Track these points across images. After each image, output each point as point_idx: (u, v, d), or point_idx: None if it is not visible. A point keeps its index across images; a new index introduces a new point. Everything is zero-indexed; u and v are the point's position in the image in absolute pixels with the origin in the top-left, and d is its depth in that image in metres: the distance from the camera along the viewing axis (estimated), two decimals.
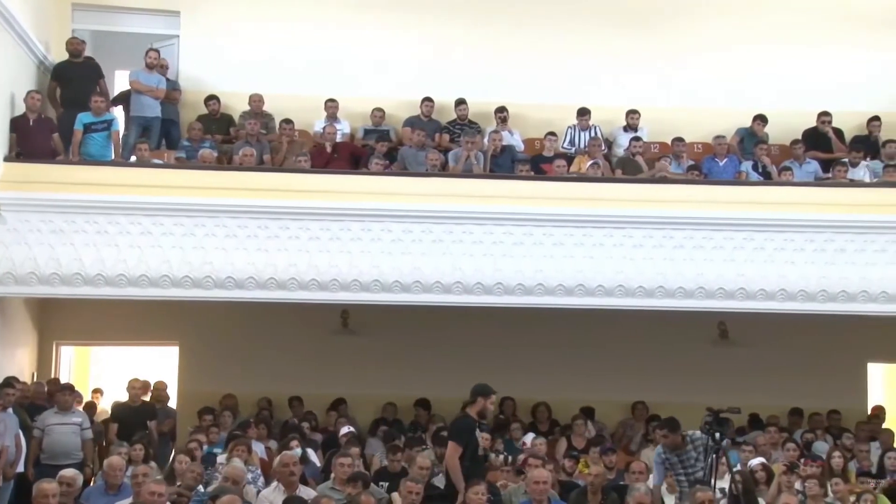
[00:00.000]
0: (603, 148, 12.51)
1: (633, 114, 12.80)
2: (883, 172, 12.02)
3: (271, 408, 12.45)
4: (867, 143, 12.66)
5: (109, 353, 14.80)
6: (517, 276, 10.96)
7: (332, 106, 12.77)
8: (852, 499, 9.44)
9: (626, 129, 12.86)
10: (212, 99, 12.78)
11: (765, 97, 12.91)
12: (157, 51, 12.45)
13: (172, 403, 12.36)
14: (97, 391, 13.34)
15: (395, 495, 8.92)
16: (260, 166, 11.78)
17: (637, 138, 12.50)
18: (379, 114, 12.96)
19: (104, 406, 12.87)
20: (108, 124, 11.47)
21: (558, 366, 12.52)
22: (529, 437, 11.33)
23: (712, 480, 8.59)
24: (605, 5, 13.26)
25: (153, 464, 9.44)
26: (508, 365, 12.47)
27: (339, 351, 12.58)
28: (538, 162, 12.35)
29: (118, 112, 12.43)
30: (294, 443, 10.11)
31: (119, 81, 13.26)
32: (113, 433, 10.92)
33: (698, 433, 9.03)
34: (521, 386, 12.45)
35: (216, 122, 12.74)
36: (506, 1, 13.38)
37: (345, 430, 11.04)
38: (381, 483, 9.34)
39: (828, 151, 12.68)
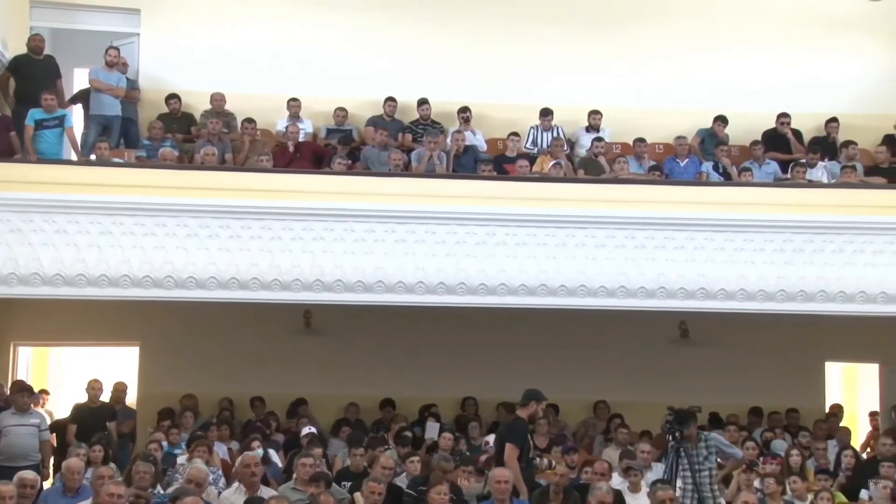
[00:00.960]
0: (565, 148, 12.56)
1: (595, 114, 12.86)
2: (840, 173, 12.16)
3: (233, 408, 12.38)
4: (825, 145, 12.81)
5: (69, 354, 14.65)
6: (480, 276, 10.96)
7: (294, 105, 12.73)
8: (810, 497, 9.55)
9: (588, 129, 12.93)
10: (173, 98, 12.69)
11: (725, 98, 13.02)
12: (116, 49, 12.32)
13: (133, 404, 12.25)
14: (43, 392, 13.13)
15: (357, 495, 8.90)
16: (221, 165, 11.71)
17: (599, 139, 12.56)
18: (342, 113, 12.93)
19: (51, 408, 12.73)
20: (60, 121, 11.32)
21: (520, 365, 12.49)
22: (491, 437, 11.34)
23: (673, 480, 8.68)
24: (568, 7, 13.32)
25: (113, 465, 9.35)
26: (470, 364, 12.55)
27: (302, 351, 12.54)
28: (501, 162, 12.37)
29: (77, 111, 12.31)
30: (255, 443, 10.06)
31: (78, 80, 13.13)
32: (72, 434, 10.81)
33: (715, 434, 9.09)
34: (484, 385, 12.51)
35: (177, 120, 12.65)
36: (469, 1, 13.39)
37: (306, 430, 11.02)
38: (343, 483, 9.32)
39: (787, 152, 12.81)
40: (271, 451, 10.47)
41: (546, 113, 12.73)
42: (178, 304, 10.98)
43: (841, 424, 12.40)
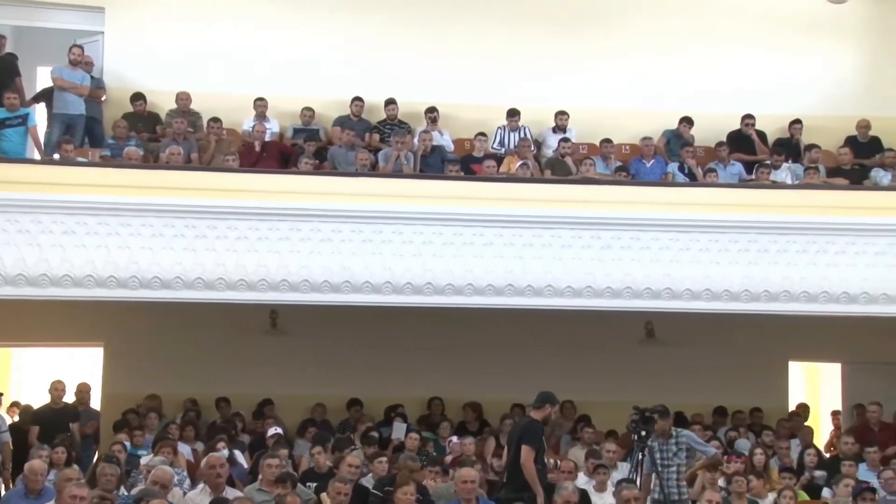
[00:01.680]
0: (532, 149, 12.60)
1: (561, 115, 12.91)
2: (804, 175, 12.28)
3: (198, 409, 12.30)
4: (789, 146, 12.93)
5: (32, 355, 14.51)
6: (447, 276, 10.97)
7: (261, 105, 12.68)
8: (773, 495, 9.64)
9: (555, 129, 12.97)
10: (138, 99, 12.59)
11: (691, 99, 13.11)
12: (80, 47, 12.21)
13: (97, 405, 12.15)
14: None
15: (323, 496, 8.88)
16: (187, 165, 11.64)
17: (566, 139, 12.60)
18: (308, 113, 12.89)
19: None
20: (23, 119, 11.22)
21: (488, 365, 12.56)
22: (455, 438, 11.36)
23: (638, 479, 8.72)
24: (536, 8, 13.35)
25: (76, 467, 9.27)
26: (438, 364, 12.55)
27: (268, 351, 12.48)
28: (468, 162, 12.39)
29: (41, 109, 12.19)
30: (221, 444, 10.01)
31: (42, 78, 13.00)
32: (34, 436, 10.70)
33: (687, 431, 9.15)
34: (451, 385, 12.52)
35: (142, 119, 12.56)
36: (436, 2, 13.39)
37: (272, 431, 10.98)
38: (308, 484, 9.29)
39: (751, 153, 12.92)
40: (237, 452, 10.42)
41: (513, 113, 12.76)
42: (143, 304, 10.90)
43: (805, 424, 12.52)
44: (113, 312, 11.69)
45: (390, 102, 12.87)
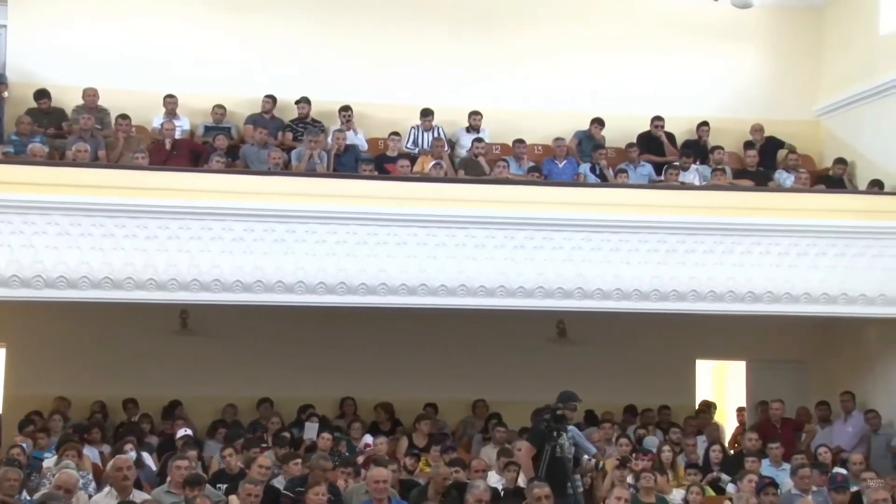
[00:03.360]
0: (446, 148, 12.64)
1: (475, 115, 12.97)
2: (711, 176, 12.54)
3: (105, 411, 12.08)
4: (697, 148, 13.18)
5: None
6: (360, 276, 10.96)
7: (171, 102, 12.49)
8: (679, 491, 9.82)
9: (468, 130, 13.02)
10: (42, 94, 12.28)
11: (602, 101, 13.27)
12: None
13: None
14: None
15: (233, 497, 8.79)
16: (94, 162, 11.42)
17: (479, 139, 12.67)
18: (220, 111, 12.74)
19: None
20: None
21: (400, 365, 12.56)
22: (368, 439, 11.34)
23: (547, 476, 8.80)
24: (449, 8, 13.38)
25: None
26: (350, 364, 12.50)
27: (178, 352, 12.31)
28: (382, 162, 12.38)
29: None
30: (128, 446, 9.84)
31: None
32: None
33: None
34: (363, 385, 12.49)
35: (47, 116, 12.26)
36: (350, 1, 13.34)
37: (182, 432, 10.82)
38: (218, 485, 9.18)
39: (661, 155, 13.14)
40: (145, 454, 10.26)
41: (427, 113, 12.78)
42: (48, 304, 10.68)
43: (712, 421, 12.77)
44: (16, 312, 11.45)
45: (303, 101, 12.79)
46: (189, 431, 10.88)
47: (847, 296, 11.45)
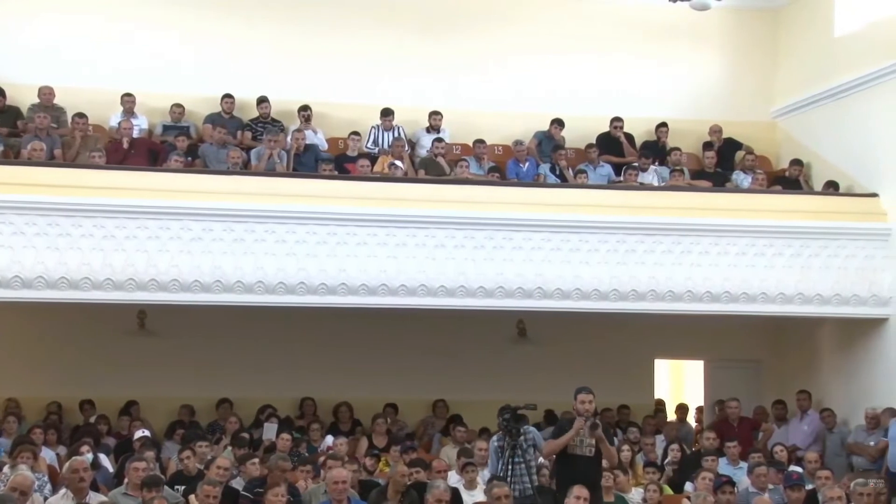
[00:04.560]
0: (406, 148, 12.63)
1: (435, 115, 12.97)
2: (669, 177, 12.63)
3: (61, 412, 11.96)
4: (655, 149, 13.27)
5: None
6: (320, 276, 10.94)
7: (128, 100, 12.38)
8: (638, 490, 9.87)
9: (428, 130, 13.02)
10: None
11: (561, 102, 13.31)
12: None
13: None
14: None
15: (192, 499, 8.73)
16: (50, 161, 11.30)
17: (439, 139, 12.67)
18: (178, 110, 12.64)
19: None
20: None
21: (360, 365, 12.54)
22: (329, 439, 11.31)
23: (508, 476, 8.82)
24: (409, 8, 13.37)
25: None
26: (310, 364, 12.49)
27: (135, 352, 12.22)
28: (342, 161, 12.36)
29: None
30: (84, 448, 9.73)
31: None
32: None
33: (533, 429, 9.29)
34: (323, 386, 12.47)
35: (2, 114, 12.10)
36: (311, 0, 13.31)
37: (140, 433, 10.73)
38: (176, 487, 9.11)
39: (620, 156, 13.21)
40: (102, 456, 10.15)
41: (387, 113, 12.76)
42: (2, 304, 10.54)
43: (668, 420, 12.87)
44: None
45: (263, 100, 12.73)
46: (147, 432, 10.79)
47: (803, 295, 11.60)
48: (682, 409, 13.18)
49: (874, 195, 12.06)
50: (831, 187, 12.47)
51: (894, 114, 11.77)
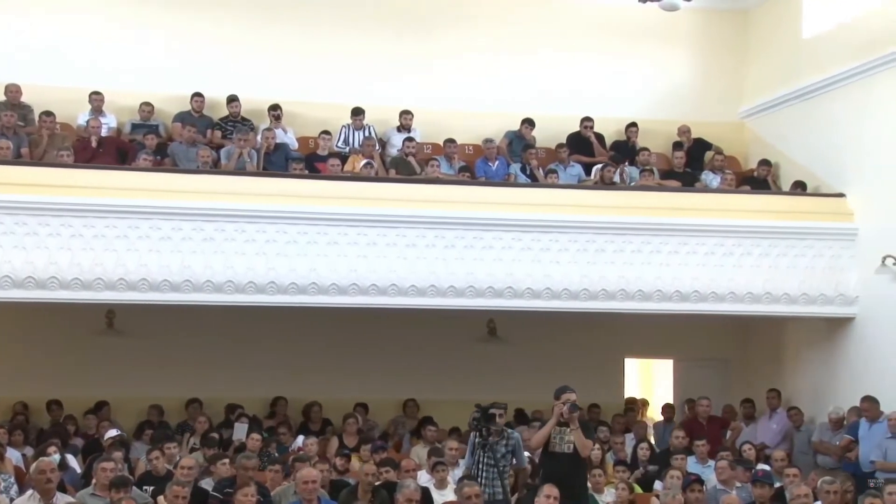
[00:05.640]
0: (377, 148, 12.61)
1: (406, 114, 12.96)
2: (639, 177, 12.68)
3: (27, 413, 11.86)
4: (625, 149, 13.33)
5: None
6: (290, 275, 10.92)
7: (97, 99, 12.28)
8: (610, 489, 9.91)
9: (399, 129, 13.01)
10: None
11: (532, 101, 13.34)
12: None
13: None
14: None
15: (160, 499, 8.68)
16: (17, 160, 11.20)
17: (410, 139, 12.67)
18: (147, 108, 12.55)
19: None
20: None
21: (331, 364, 12.53)
22: (300, 440, 11.27)
23: (479, 476, 8.83)
24: (380, 7, 13.36)
25: None
26: (280, 364, 12.45)
27: (104, 352, 12.16)
28: (312, 161, 12.33)
29: None
30: (52, 449, 9.65)
31: None
32: None
33: (517, 434, 9.28)
34: (293, 385, 12.44)
35: None
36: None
37: (110, 433, 10.65)
38: (145, 487, 9.06)
39: (590, 155, 13.25)
40: (69, 456, 10.07)
41: (358, 112, 12.75)
42: None
43: (638, 418, 12.92)
44: None
45: (232, 99, 12.67)
46: (118, 432, 10.72)
47: (771, 295, 11.69)
48: (668, 409, 13.17)
49: (841, 195, 12.18)
50: (799, 187, 12.58)
51: (862, 115, 11.89)
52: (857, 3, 12.16)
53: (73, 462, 10.10)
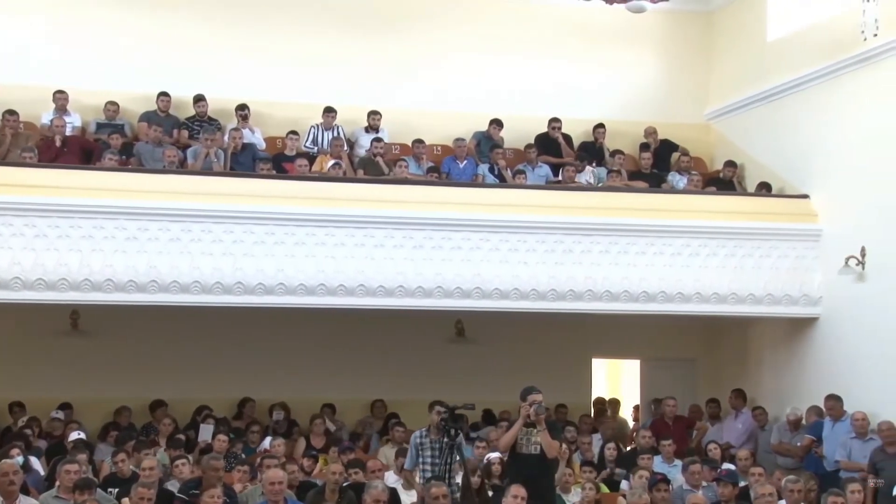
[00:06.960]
0: (345, 148, 12.59)
1: (374, 115, 12.94)
2: (607, 178, 12.74)
3: None
4: (593, 150, 13.38)
5: None
6: (258, 276, 10.87)
7: (61, 98, 12.16)
8: (577, 488, 9.95)
9: (367, 129, 12.99)
10: None
11: (500, 102, 13.37)
12: None
13: None
14: None
15: (125, 501, 8.62)
16: None
17: (378, 139, 12.65)
18: (112, 107, 12.45)
19: None
20: None
21: (298, 365, 12.50)
22: (268, 441, 11.22)
23: (447, 475, 8.82)
24: (348, 8, 13.33)
25: None
26: (247, 365, 12.41)
27: (68, 353, 12.06)
28: (280, 161, 12.28)
29: None
30: (15, 451, 9.55)
31: None
32: None
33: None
34: (261, 386, 12.40)
35: None
36: None
37: (74, 435, 10.56)
38: (109, 489, 8.99)
39: (558, 156, 13.29)
40: (33, 458, 9.97)
41: (329, 110, 12.71)
42: None
43: (608, 418, 12.98)
44: None
45: (199, 99, 12.61)
46: (82, 435, 10.64)
47: (736, 295, 11.77)
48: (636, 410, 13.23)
49: (805, 196, 12.28)
50: (764, 189, 12.68)
51: (825, 116, 12.00)
52: (821, 7, 12.27)
53: (37, 464, 10.00)
